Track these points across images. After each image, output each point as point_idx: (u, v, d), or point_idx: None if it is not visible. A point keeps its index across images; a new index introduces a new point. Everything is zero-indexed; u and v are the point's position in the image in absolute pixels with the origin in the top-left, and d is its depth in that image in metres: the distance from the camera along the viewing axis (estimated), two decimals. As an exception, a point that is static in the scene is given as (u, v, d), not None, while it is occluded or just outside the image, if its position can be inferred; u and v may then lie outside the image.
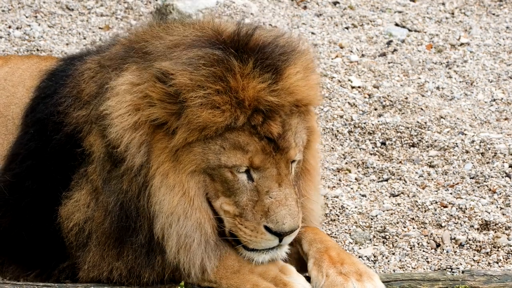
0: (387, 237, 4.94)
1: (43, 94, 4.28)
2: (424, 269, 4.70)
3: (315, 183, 4.12)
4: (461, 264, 4.69)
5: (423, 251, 4.84)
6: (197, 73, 3.65)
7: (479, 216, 4.99)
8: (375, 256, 4.81)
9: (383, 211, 5.15)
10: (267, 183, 3.73)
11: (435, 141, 5.84)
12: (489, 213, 5.02)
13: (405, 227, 5.02)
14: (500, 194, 5.23)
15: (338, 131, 6.01)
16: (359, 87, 6.54)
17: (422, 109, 6.21)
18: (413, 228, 5.01)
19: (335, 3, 7.94)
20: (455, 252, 4.81)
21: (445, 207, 5.12)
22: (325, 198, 5.25)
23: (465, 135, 5.89)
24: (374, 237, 4.96)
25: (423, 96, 6.47)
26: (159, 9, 7.49)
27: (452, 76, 6.79)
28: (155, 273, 3.85)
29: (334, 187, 5.48)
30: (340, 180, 5.56)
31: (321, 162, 5.55)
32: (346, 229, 5.02)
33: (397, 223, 5.04)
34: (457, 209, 5.07)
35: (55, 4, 7.69)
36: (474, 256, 4.77)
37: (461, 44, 7.27)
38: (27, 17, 7.48)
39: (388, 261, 4.77)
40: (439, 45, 7.24)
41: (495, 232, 4.90)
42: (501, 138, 5.80)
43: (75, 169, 3.99)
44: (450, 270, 4.06)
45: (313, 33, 7.39)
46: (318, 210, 4.15)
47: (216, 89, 3.65)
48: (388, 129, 5.96)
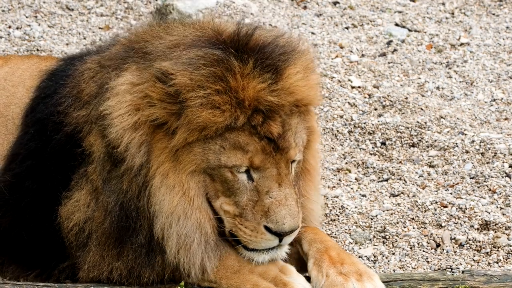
0: (387, 237, 4.94)
1: (43, 94, 4.28)
2: (424, 269, 4.70)
3: (315, 183, 4.12)
4: (461, 264, 4.69)
5: (423, 251, 4.84)
6: (197, 73, 3.65)
7: (479, 216, 4.99)
8: (375, 256, 4.81)
9: (383, 211, 5.15)
10: (267, 183, 3.73)
11: (435, 141, 5.84)
12: (489, 213, 5.02)
13: (405, 227, 5.02)
14: (500, 194, 5.23)
15: (338, 131, 6.01)
16: (359, 87, 6.54)
17: (422, 109, 6.21)
18: (413, 228, 5.01)
19: (335, 3, 7.94)
20: (455, 252, 4.81)
21: (445, 207, 5.12)
22: (325, 198, 5.25)
23: (465, 135, 5.89)
24: (374, 237, 4.96)
25: (423, 96, 6.47)
26: (159, 9, 7.49)
27: (452, 76, 6.79)
28: (155, 273, 3.85)
29: (334, 187, 5.48)
30: (340, 180, 5.56)
31: (321, 162, 5.55)
32: (346, 229, 5.02)
33: (397, 223, 5.05)
34: (457, 209, 5.07)
35: (55, 4, 7.69)
36: (474, 256, 4.77)
37: (461, 44, 7.27)
38: (27, 17, 7.48)
39: (388, 261, 4.76)
40: (439, 45, 7.24)
41: (495, 232, 4.90)
42: (501, 138, 5.80)
43: (75, 169, 3.99)
44: (450, 270, 4.06)
45: (313, 33, 7.39)
46: (318, 210, 4.15)
47: (216, 89, 3.65)
48: (388, 129, 5.96)
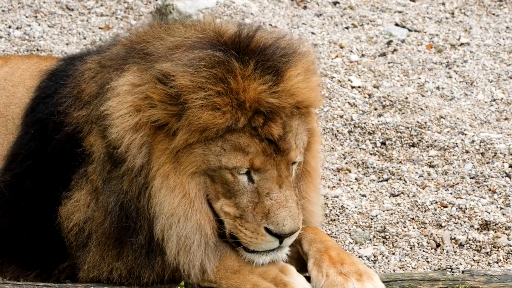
0: (387, 237, 4.94)
1: (43, 94, 4.28)
2: (424, 269, 4.70)
3: (316, 185, 4.12)
4: (461, 264, 4.69)
5: (423, 251, 4.84)
6: (198, 74, 3.65)
7: (479, 216, 4.99)
8: (375, 256, 4.81)
9: (383, 211, 5.15)
10: (267, 185, 3.73)
11: (435, 141, 5.84)
12: (489, 213, 5.02)
13: (405, 227, 5.02)
14: (500, 194, 5.23)
15: (338, 131, 6.01)
16: (359, 87, 6.54)
17: (422, 109, 6.21)
18: (413, 228, 5.01)
19: (335, 3, 7.94)
20: (455, 252, 4.81)
21: (445, 207, 5.12)
22: (325, 198, 5.25)
23: (465, 135, 5.89)
24: (374, 237, 4.96)
25: (423, 96, 6.47)
26: (159, 9, 7.49)
27: (452, 76, 6.79)
28: (155, 273, 3.85)
29: (334, 187, 5.48)
30: (340, 180, 5.56)
31: (321, 162, 5.55)
32: (346, 229, 5.02)
33: (397, 223, 5.05)
34: (457, 209, 5.07)
35: (55, 4, 7.69)
36: (474, 256, 4.77)
37: (461, 44, 7.27)
38: (27, 17, 7.48)
39: (388, 261, 4.76)
40: (439, 45, 7.24)
41: (495, 232, 4.90)
42: (501, 138, 5.80)
43: (75, 169, 3.99)
44: (450, 270, 4.06)
45: (313, 33, 7.39)
46: (318, 212, 4.15)
47: (217, 90, 3.64)
48: (388, 129, 5.97)
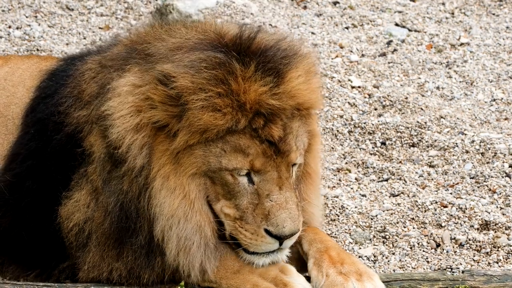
0: (387, 237, 4.94)
1: (43, 94, 4.28)
2: (424, 269, 4.70)
3: (316, 186, 4.12)
4: (461, 264, 4.69)
5: (423, 251, 4.84)
6: (198, 75, 3.65)
7: (479, 216, 4.99)
8: (375, 256, 4.81)
9: (383, 211, 5.15)
10: (267, 186, 3.73)
11: (435, 141, 5.84)
12: (489, 213, 5.02)
13: (405, 227, 5.02)
14: (500, 194, 5.23)
15: (338, 131, 6.01)
16: (359, 87, 6.54)
17: (422, 109, 6.21)
18: (413, 228, 5.01)
19: (335, 3, 7.94)
20: (455, 252, 4.81)
21: (445, 207, 5.12)
22: (325, 198, 5.25)
23: (465, 135, 5.89)
24: (374, 237, 4.96)
25: (423, 96, 6.47)
26: (159, 9, 7.49)
27: (452, 76, 6.79)
28: (155, 274, 3.85)
29: (334, 187, 5.48)
30: (340, 180, 5.56)
31: (321, 163, 5.55)
32: (346, 229, 5.02)
33: (397, 223, 5.05)
34: (457, 209, 5.07)
35: (55, 4, 7.69)
36: (474, 256, 4.77)
37: (461, 44, 7.27)
38: (27, 17, 7.48)
39: (388, 261, 4.77)
40: (439, 45, 7.24)
41: (495, 232, 4.90)
42: (501, 138, 5.80)
43: (75, 169, 3.99)
44: (450, 270, 4.06)
45: (313, 33, 7.39)
46: (318, 213, 4.15)
47: (218, 92, 3.64)
48: (388, 129, 5.97)
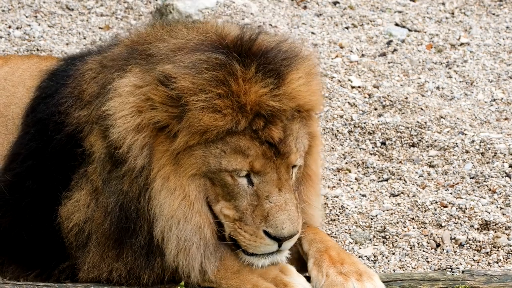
0: (387, 237, 4.94)
1: (44, 94, 4.28)
2: (424, 269, 4.70)
3: (316, 188, 4.12)
4: (461, 264, 4.69)
5: (423, 251, 4.84)
6: (199, 77, 3.65)
7: (479, 216, 5.00)
8: (375, 256, 4.81)
9: (383, 211, 5.15)
10: (267, 188, 3.73)
11: (435, 141, 5.84)
12: (489, 213, 5.02)
13: (405, 227, 5.02)
14: (500, 194, 5.23)
15: (338, 131, 6.01)
16: (359, 87, 6.54)
17: (422, 109, 6.21)
18: (413, 228, 5.01)
19: (335, 3, 7.94)
20: (455, 252, 4.82)
21: (445, 207, 5.12)
22: (325, 198, 5.25)
23: (465, 135, 5.89)
24: (374, 237, 4.96)
25: (423, 96, 6.47)
26: (159, 9, 7.49)
27: (452, 76, 6.79)
28: (155, 274, 3.85)
29: (334, 187, 5.48)
30: (340, 180, 5.56)
31: (321, 164, 5.55)
32: (346, 229, 5.02)
33: (397, 223, 5.05)
34: (457, 209, 5.08)
35: (55, 4, 7.69)
36: (474, 256, 4.77)
37: (461, 44, 7.27)
38: (27, 17, 7.48)
39: (388, 261, 4.77)
40: (439, 45, 7.24)
41: (495, 232, 4.90)
42: (501, 138, 5.80)
43: (76, 169, 3.99)
44: (450, 270, 4.07)
45: (313, 33, 7.39)
46: (318, 215, 4.14)
47: (218, 93, 3.64)
48: (388, 129, 5.97)
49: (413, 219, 5.07)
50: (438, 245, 4.88)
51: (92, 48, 4.52)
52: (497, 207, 5.12)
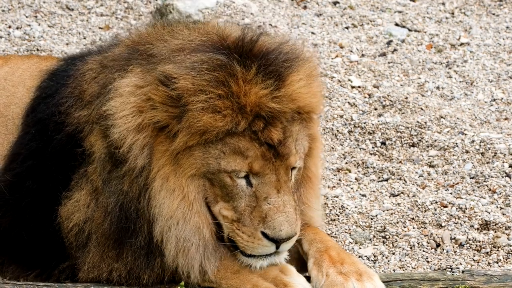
0: (387, 237, 4.94)
1: (44, 94, 4.28)
2: (424, 269, 4.70)
3: (316, 190, 4.11)
4: (461, 264, 4.69)
5: (423, 251, 4.84)
6: (199, 77, 3.65)
7: (479, 216, 5.00)
8: (375, 256, 4.81)
9: (383, 211, 5.15)
10: (265, 189, 3.72)
11: (435, 141, 5.84)
12: (489, 213, 5.02)
13: (405, 227, 5.02)
14: (500, 194, 5.23)
15: (338, 131, 6.01)
16: (359, 87, 6.54)
17: (422, 109, 6.21)
18: (413, 228, 5.01)
19: (335, 3, 7.94)
20: (455, 252, 4.82)
21: (445, 207, 5.12)
22: (325, 198, 5.25)
23: (465, 135, 5.89)
24: (374, 237, 4.96)
25: (423, 96, 6.47)
26: (159, 9, 7.49)
27: (452, 76, 6.79)
28: (155, 274, 3.85)
29: (334, 187, 5.48)
30: (340, 180, 5.56)
31: (321, 165, 5.55)
32: (346, 229, 5.02)
33: (397, 223, 5.05)
34: (457, 209, 5.08)
35: (55, 4, 7.69)
36: (474, 256, 4.77)
37: (461, 44, 7.27)
38: (27, 17, 7.48)
39: (388, 261, 4.77)
40: (439, 45, 7.24)
41: (495, 232, 4.90)
42: (501, 138, 5.80)
43: (76, 169, 3.99)
44: (450, 270, 4.07)
45: (313, 33, 7.39)
46: (318, 217, 4.14)
47: (218, 93, 3.64)
48: (388, 129, 5.97)
49: (413, 219, 5.07)
50: (438, 245, 4.88)
51: (92, 48, 4.52)
52: (497, 207, 5.12)
